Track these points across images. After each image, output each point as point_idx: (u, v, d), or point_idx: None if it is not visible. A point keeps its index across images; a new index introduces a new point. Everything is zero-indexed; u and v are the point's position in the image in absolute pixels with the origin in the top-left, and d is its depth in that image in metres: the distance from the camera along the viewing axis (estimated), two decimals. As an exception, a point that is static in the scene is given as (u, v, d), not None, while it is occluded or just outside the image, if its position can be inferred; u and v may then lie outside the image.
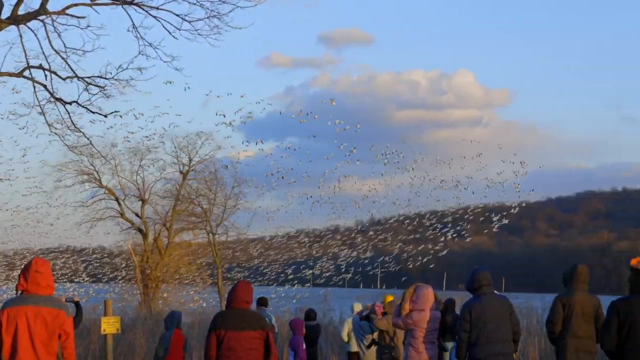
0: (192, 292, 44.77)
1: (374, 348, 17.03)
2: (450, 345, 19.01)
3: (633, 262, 9.98)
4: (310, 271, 58.88)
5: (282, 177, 44.11)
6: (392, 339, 16.12)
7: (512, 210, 52.77)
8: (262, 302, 20.32)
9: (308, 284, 58.95)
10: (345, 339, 19.55)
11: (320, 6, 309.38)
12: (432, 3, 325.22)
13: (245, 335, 10.32)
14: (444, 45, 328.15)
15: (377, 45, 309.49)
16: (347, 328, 19.42)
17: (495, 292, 12.28)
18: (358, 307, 19.45)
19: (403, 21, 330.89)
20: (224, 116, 39.89)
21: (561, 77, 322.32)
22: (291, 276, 57.03)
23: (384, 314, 16.64)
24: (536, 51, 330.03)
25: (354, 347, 19.04)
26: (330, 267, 60.29)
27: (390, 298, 18.71)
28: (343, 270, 63.49)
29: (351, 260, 64.37)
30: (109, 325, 17.11)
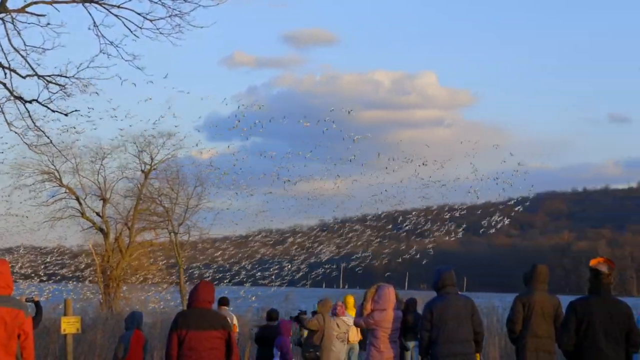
0: (151, 292, 44.53)
1: (341, 346, 16.99)
2: (411, 344, 19.09)
3: (592, 262, 10.07)
4: (275, 271, 58.80)
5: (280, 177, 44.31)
6: (322, 339, 16.25)
7: (514, 211, 53.19)
8: (223, 301, 20.27)
9: (274, 284, 58.85)
10: (307, 338, 19.53)
11: (284, 5, 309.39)
12: (398, 3, 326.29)
13: (207, 335, 10.32)
14: (408, 46, 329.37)
15: (341, 45, 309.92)
16: (308, 328, 19.39)
17: (460, 292, 12.35)
18: (320, 307, 19.47)
19: (368, 21, 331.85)
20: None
21: (526, 77, 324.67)
22: (258, 275, 56.96)
23: (314, 313, 16.77)
24: (500, 51, 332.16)
25: (316, 347, 19.03)
26: (294, 267, 60.26)
27: (350, 298, 18.76)
28: (307, 270, 63.47)
29: (314, 260, 64.36)
30: (69, 325, 16.99)
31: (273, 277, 58.01)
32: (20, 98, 21.78)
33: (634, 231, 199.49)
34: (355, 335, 18.31)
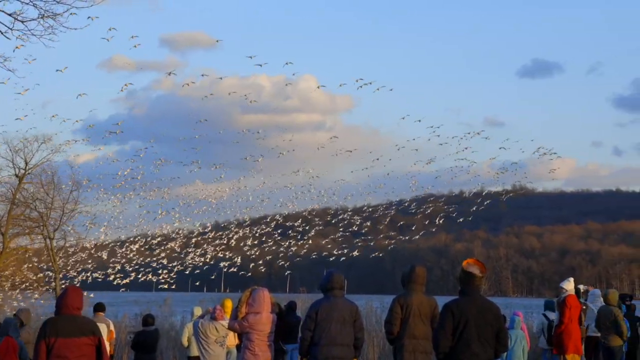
0: (25, 299, 43.37)
1: (220, 350, 16.83)
2: (290, 347, 19.08)
3: (464, 264, 10.18)
4: (154, 276, 58.15)
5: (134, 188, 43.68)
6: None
7: (393, 213, 53.66)
8: (99, 308, 19.90)
9: (152, 288, 58.24)
10: (186, 343, 19.32)
11: (164, 9, 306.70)
12: (278, 8, 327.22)
13: (76, 342, 10.11)
14: (289, 50, 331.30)
15: (222, 49, 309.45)
16: (187, 332, 19.18)
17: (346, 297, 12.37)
18: (199, 311, 19.26)
19: (249, 25, 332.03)
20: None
21: (402, 81, 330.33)
22: (136, 280, 56.23)
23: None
24: (379, 56, 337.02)
25: (195, 352, 18.79)
26: (174, 271, 59.71)
27: (228, 302, 18.61)
28: (186, 273, 63.02)
29: (195, 264, 63.92)
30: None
31: (152, 281, 57.35)
32: None
33: (508, 232, 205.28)
34: (232, 340, 18.17)
